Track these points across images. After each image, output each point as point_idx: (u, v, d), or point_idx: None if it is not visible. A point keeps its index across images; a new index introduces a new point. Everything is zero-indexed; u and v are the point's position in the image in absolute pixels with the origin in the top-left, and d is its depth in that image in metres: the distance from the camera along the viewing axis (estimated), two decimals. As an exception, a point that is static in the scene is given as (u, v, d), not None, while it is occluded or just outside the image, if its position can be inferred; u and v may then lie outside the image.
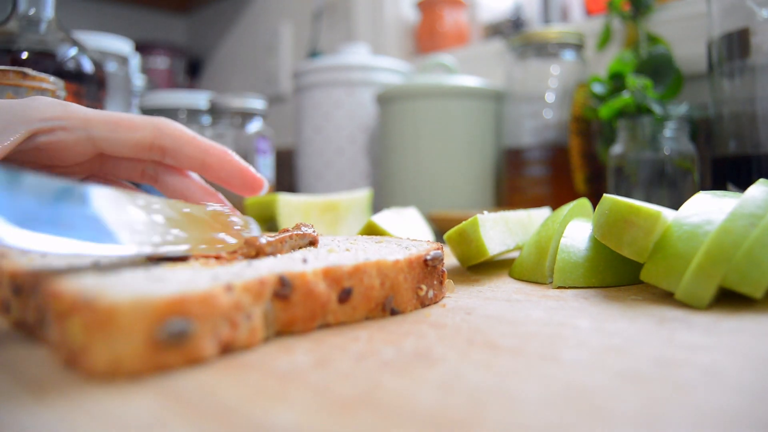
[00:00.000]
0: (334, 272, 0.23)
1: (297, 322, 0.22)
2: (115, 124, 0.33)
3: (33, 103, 0.31)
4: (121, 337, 0.17)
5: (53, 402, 0.15)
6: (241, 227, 0.30)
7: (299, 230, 0.29)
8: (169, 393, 0.16)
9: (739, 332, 0.21)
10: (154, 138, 0.34)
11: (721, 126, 0.55)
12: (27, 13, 0.53)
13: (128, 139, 0.33)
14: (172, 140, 0.34)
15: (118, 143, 0.33)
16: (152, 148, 0.34)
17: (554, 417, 0.14)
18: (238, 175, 0.35)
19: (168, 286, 0.19)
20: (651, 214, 0.27)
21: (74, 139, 0.32)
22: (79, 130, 0.32)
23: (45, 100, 0.32)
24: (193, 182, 0.36)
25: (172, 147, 0.34)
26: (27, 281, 0.21)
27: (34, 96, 0.32)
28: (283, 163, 1.29)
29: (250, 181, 0.36)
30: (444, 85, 0.82)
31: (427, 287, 0.27)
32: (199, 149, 0.35)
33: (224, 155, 0.35)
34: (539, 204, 0.70)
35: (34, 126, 0.31)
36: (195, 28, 1.88)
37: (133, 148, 0.34)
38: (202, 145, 0.35)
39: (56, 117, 0.31)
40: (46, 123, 0.31)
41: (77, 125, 0.32)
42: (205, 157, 0.35)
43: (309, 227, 0.30)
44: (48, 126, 0.31)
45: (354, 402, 0.15)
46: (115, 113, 0.34)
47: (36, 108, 0.31)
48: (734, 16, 0.52)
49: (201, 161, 0.35)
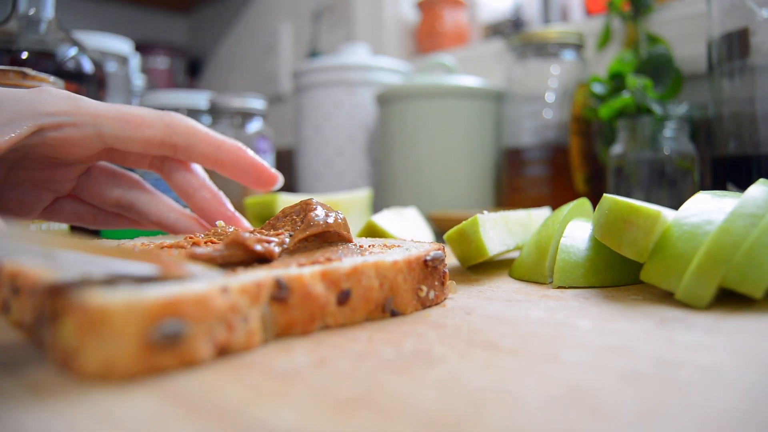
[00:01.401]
0: (331, 274, 0.23)
1: (296, 325, 0.22)
2: (125, 121, 0.32)
3: (41, 95, 0.30)
4: (114, 338, 0.17)
5: (53, 402, 0.15)
6: None
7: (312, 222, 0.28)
8: (168, 393, 0.16)
9: (739, 332, 0.21)
10: (165, 136, 0.33)
11: (721, 126, 0.55)
12: (27, 13, 0.53)
13: (138, 136, 0.33)
14: (184, 138, 0.34)
15: (128, 141, 0.33)
16: (163, 145, 0.33)
17: (554, 417, 0.14)
18: (252, 171, 0.35)
19: (162, 287, 0.19)
20: (651, 214, 0.27)
21: (82, 136, 0.31)
22: (88, 126, 0.31)
23: (54, 92, 0.31)
24: (196, 177, 0.36)
25: (185, 144, 0.34)
26: (26, 282, 0.21)
27: (43, 87, 0.31)
28: (283, 163, 1.29)
29: (265, 176, 0.36)
30: (444, 85, 0.82)
31: (428, 288, 0.26)
32: (213, 146, 0.34)
33: (238, 151, 0.35)
34: (539, 204, 0.70)
35: (42, 121, 0.30)
36: (195, 28, 1.88)
37: (144, 145, 0.33)
38: (215, 142, 0.34)
39: (65, 112, 0.30)
40: (54, 118, 0.30)
41: (86, 121, 0.31)
42: (219, 154, 0.34)
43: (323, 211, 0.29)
44: (56, 121, 0.30)
45: (354, 402, 0.15)
46: (125, 108, 0.33)
47: (44, 101, 0.30)
48: (734, 16, 0.52)
49: (215, 158, 0.35)
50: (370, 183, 0.96)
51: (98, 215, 0.38)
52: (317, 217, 0.28)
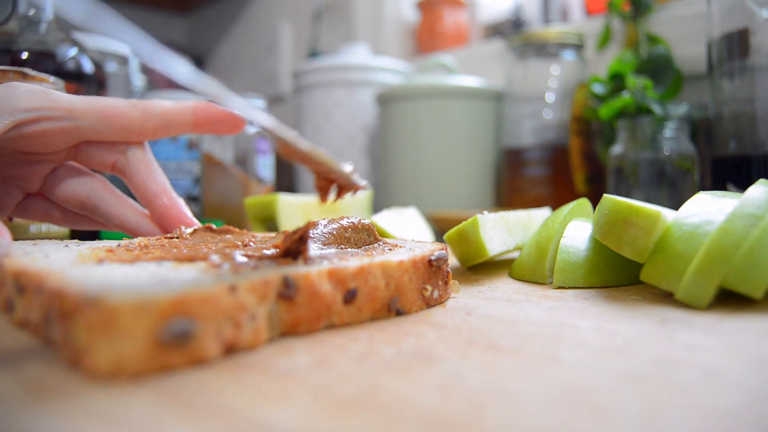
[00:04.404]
0: (338, 273, 0.23)
1: (302, 323, 0.22)
2: (101, 113, 0.33)
3: (15, 91, 0.31)
4: (124, 337, 0.17)
5: (54, 402, 0.15)
6: None
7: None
8: (169, 393, 0.16)
9: (739, 332, 0.21)
10: (143, 121, 0.34)
11: (721, 126, 0.55)
12: (27, 14, 0.53)
13: (116, 126, 0.34)
14: (161, 117, 0.35)
15: (105, 131, 0.34)
16: (143, 131, 0.35)
17: (554, 417, 0.14)
18: (225, 120, 0.37)
19: (172, 286, 0.19)
20: (651, 214, 0.27)
21: (59, 128, 0.32)
22: (65, 119, 0.32)
23: (26, 88, 0.32)
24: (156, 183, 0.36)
25: (163, 123, 0.35)
26: (31, 280, 0.21)
27: (12, 83, 0.32)
28: (283, 163, 1.29)
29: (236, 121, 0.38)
30: (444, 85, 0.82)
31: (432, 288, 0.27)
32: (187, 114, 0.36)
33: (208, 108, 0.37)
34: (539, 204, 0.70)
35: (18, 117, 0.31)
36: (195, 28, 1.88)
37: (124, 133, 0.34)
38: (187, 110, 0.36)
39: (39, 107, 0.31)
40: (30, 113, 0.31)
41: (62, 114, 0.32)
42: (195, 119, 0.36)
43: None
44: (32, 116, 0.31)
45: (354, 402, 0.15)
46: (99, 100, 0.33)
47: (18, 97, 0.31)
48: (734, 16, 0.52)
49: (191, 123, 0.36)
50: (370, 183, 0.96)
51: (67, 215, 0.38)
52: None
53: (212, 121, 0.37)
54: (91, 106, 0.33)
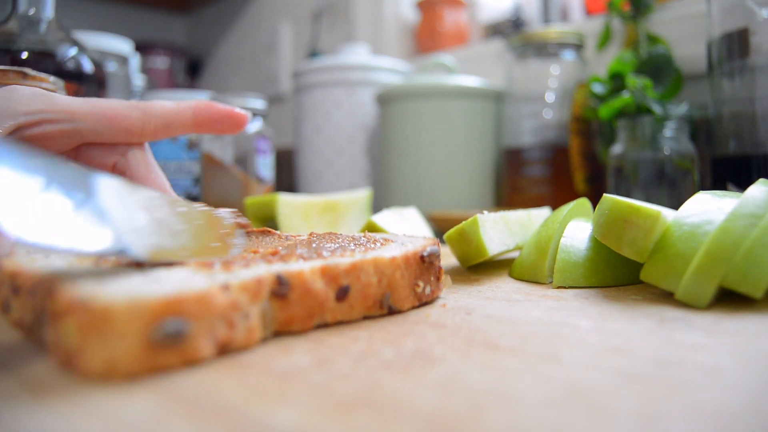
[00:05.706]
0: (331, 270, 0.23)
1: (295, 321, 0.22)
2: (101, 115, 0.33)
3: (15, 94, 0.31)
4: (116, 337, 0.17)
5: (53, 402, 0.15)
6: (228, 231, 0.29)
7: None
8: (169, 393, 0.16)
9: (739, 332, 0.21)
10: (144, 122, 0.35)
11: (721, 126, 0.55)
12: (27, 13, 0.53)
13: (117, 127, 0.34)
14: (161, 118, 0.35)
15: (106, 133, 0.34)
16: (143, 133, 0.35)
17: (554, 417, 0.14)
18: (226, 119, 0.38)
19: (164, 286, 0.19)
20: (651, 214, 0.27)
21: (61, 131, 0.32)
22: (66, 122, 0.32)
23: (27, 91, 0.32)
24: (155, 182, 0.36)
25: (164, 124, 0.35)
26: (26, 281, 0.21)
27: (11, 86, 0.32)
28: (283, 163, 1.29)
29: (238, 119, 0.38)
30: (444, 85, 0.82)
31: (424, 283, 0.26)
32: (188, 114, 0.36)
33: (209, 107, 0.37)
34: (539, 204, 0.70)
35: (19, 120, 0.31)
36: (195, 28, 1.88)
37: (125, 135, 0.34)
38: (188, 109, 0.36)
39: (40, 110, 0.32)
40: (31, 116, 0.31)
41: (63, 117, 0.32)
42: (195, 118, 0.37)
43: None
44: (34, 119, 0.31)
45: (354, 402, 0.15)
46: (99, 102, 0.34)
47: (18, 101, 0.31)
48: (734, 16, 0.52)
49: (192, 123, 0.37)
50: (370, 183, 0.96)
51: None
52: None
53: (213, 120, 0.37)
54: (91, 108, 0.33)
